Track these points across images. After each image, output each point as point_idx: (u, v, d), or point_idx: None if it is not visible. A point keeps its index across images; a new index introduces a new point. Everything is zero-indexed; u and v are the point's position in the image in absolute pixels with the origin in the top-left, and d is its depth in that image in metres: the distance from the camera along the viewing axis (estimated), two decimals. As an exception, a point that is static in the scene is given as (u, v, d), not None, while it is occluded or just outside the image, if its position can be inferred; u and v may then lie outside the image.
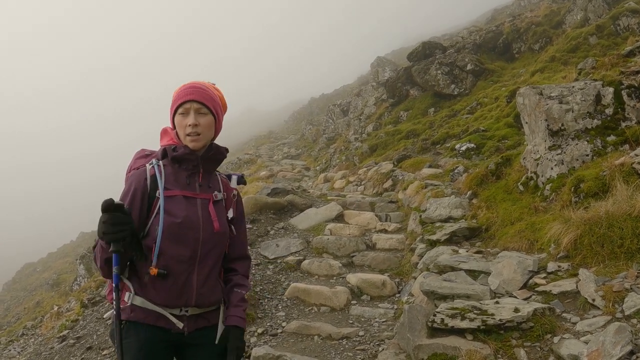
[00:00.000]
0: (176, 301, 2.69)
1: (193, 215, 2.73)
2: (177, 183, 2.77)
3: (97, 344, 8.06)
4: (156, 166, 2.78)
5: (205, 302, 2.77)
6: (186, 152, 2.78)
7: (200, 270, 2.73)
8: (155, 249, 2.63)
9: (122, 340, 2.63)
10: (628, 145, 6.95)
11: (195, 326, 2.76)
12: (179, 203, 2.72)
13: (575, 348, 4.16)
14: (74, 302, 15.45)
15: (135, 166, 2.90)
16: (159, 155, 2.86)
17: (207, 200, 2.81)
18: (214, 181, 2.91)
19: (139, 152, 3.04)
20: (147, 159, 2.92)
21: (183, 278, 2.68)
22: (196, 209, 2.75)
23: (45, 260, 52.85)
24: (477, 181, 9.32)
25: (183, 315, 2.73)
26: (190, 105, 2.80)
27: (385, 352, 5.40)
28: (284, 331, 6.65)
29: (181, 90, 2.85)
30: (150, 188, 2.72)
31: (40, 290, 35.10)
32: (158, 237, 2.63)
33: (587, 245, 5.57)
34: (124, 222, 2.48)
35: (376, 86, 31.76)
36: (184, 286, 2.69)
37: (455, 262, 6.72)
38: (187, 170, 2.81)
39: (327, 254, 9.12)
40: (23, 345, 11.88)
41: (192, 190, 2.79)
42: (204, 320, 2.80)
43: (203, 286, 2.74)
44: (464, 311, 4.98)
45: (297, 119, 50.84)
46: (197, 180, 2.82)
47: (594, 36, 15.66)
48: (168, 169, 2.80)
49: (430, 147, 15.64)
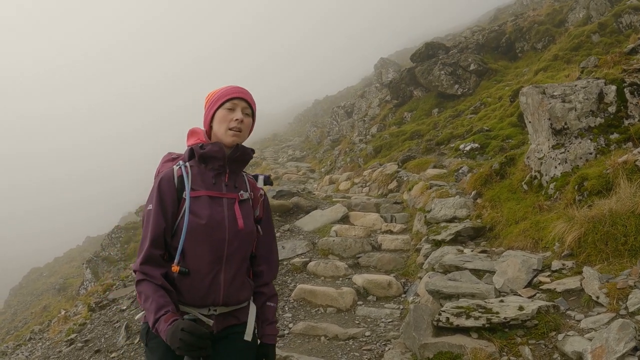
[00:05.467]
0: (204, 300, 2.71)
1: (218, 215, 2.75)
2: (203, 183, 2.80)
3: (105, 347, 8.12)
4: (183, 167, 2.81)
5: (233, 300, 2.80)
6: (214, 149, 2.81)
7: (227, 270, 2.76)
8: (178, 249, 2.67)
9: (150, 340, 2.70)
10: (631, 143, 6.97)
11: (223, 324, 2.79)
12: (204, 203, 2.74)
13: (579, 345, 4.19)
14: (81, 306, 15.53)
15: (164, 169, 2.94)
16: (186, 157, 2.89)
17: (233, 199, 2.84)
18: (240, 181, 2.94)
19: (165, 155, 3.10)
20: (174, 161, 2.97)
21: (210, 277, 2.71)
22: (222, 208, 2.78)
23: (52, 264, 53.02)
24: (481, 181, 9.34)
25: (212, 315, 2.75)
26: (239, 102, 2.87)
27: (391, 352, 5.42)
28: (291, 332, 6.69)
29: (228, 88, 2.91)
30: (178, 189, 2.76)
31: (47, 295, 35.25)
32: (182, 237, 2.66)
33: (591, 243, 5.59)
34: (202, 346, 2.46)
35: (380, 87, 31.84)
36: (211, 285, 2.71)
37: (460, 262, 6.75)
38: (214, 170, 2.84)
39: (332, 256, 9.15)
40: (31, 350, 11.93)
41: (218, 190, 2.81)
42: (233, 319, 2.83)
43: (231, 285, 2.77)
44: (469, 310, 5.01)
45: (301, 121, 50.93)
46: (223, 180, 2.85)
47: (596, 34, 15.67)
48: (195, 169, 2.83)
49: (434, 148, 15.66)
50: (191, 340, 2.37)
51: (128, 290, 11.36)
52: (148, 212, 2.74)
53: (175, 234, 2.72)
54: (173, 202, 2.74)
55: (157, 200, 2.73)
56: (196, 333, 2.38)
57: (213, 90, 2.96)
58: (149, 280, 2.62)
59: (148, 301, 2.57)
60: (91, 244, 49.55)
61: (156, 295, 2.57)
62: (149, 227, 2.70)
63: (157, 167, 3.04)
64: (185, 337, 2.37)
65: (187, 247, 2.67)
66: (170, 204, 2.73)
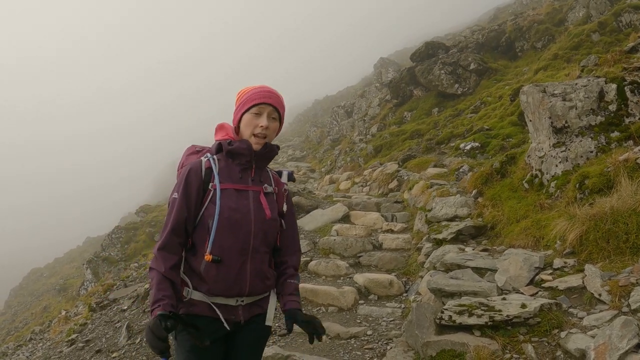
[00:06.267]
0: (231, 291, 2.79)
1: (244, 208, 2.82)
2: (229, 177, 2.86)
3: (107, 347, 8.12)
4: (211, 159, 2.88)
5: (257, 290, 2.88)
6: (242, 146, 2.87)
7: (253, 260, 2.84)
8: (210, 239, 2.73)
9: (179, 333, 2.77)
10: (632, 141, 6.97)
11: (250, 314, 2.88)
12: (231, 195, 2.82)
13: (582, 342, 4.19)
14: (82, 306, 15.54)
15: (188, 162, 3.01)
16: (213, 150, 2.97)
17: (258, 192, 2.91)
18: (265, 176, 3.00)
19: (189, 148, 3.17)
20: (199, 154, 3.04)
21: (237, 267, 2.78)
22: (248, 201, 2.85)
23: (52, 265, 53.08)
24: (482, 180, 9.35)
25: (239, 305, 2.84)
26: (266, 107, 2.90)
27: (393, 350, 5.42)
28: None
29: (257, 91, 2.94)
30: (204, 180, 2.82)
31: (47, 295, 35.25)
32: (213, 228, 2.73)
33: (593, 241, 5.59)
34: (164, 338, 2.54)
35: (380, 87, 31.84)
36: (238, 275, 2.79)
37: (462, 260, 6.75)
38: (240, 165, 2.90)
39: (334, 255, 9.16)
40: (32, 350, 11.93)
41: (244, 184, 2.89)
42: (258, 308, 2.92)
43: (256, 275, 2.85)
44: (472, 308, 5.01)
45: (301, 121, 50.94)
46: (249, 174, 2.92)
47: (596, 33, 15.68)
48: (222, 162, 2.89)
49: (434, 147, 15.67)
50: (150, 339, 2.49)
51: (129, 290, 11.36)
52: (173, 200, 2.81)
53: (200, 225, 2.79)
54: (198, 193, 2.81)
55: (182, 190, 2.80)
56: (156, 334, 2.47)
57: (244, 88, 3.02)
58: (157, 270, 2.70)
59: (152, 291, 2.68)
60: (91, 244, 49.59)
61: (158, 286, 2.66)
62: (171, 214, 2.77)
63: (180, 160, 3.12)
64: (148, 336, 2.51)
65: (216, 238, 2.74)
66: (195, 195, 2.80)
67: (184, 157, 3.11)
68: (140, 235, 28.63)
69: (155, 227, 28.17)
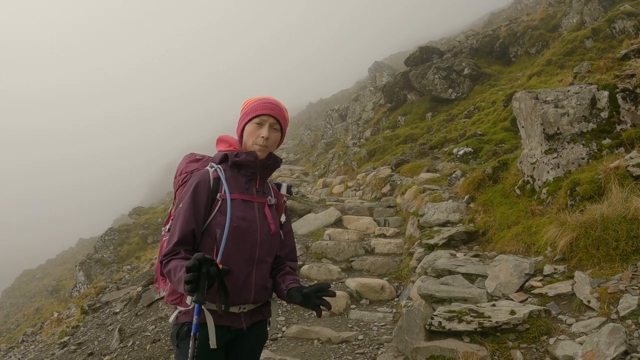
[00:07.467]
0: (237, 299, 2.83)
1: (251, 218, 2.89)
2: (236, 187, 2.93)
3: (99, 349, 8.11)
4: (218, 169, 2.94)
5: (260, 298, 2.95)
6: (249, 158, 2.93)
7: (259, 270, 2.91)
8: (220, 249, 2.76)
9: (181, 341, 2.81)
10: (623, 148, 7.01)
11: (251, 321, 2.94)
12: (239, 205, 2.88)
13: (570, 349, 4.21)
14: (74, 308, 15.50)
15: (188, 170, 3.07)
16: (217, 160, 3.01)
17: (263, 204, 2.99)
18: (267, 188, 3.09)
19: (188, 155, 3.20)
20: (199, 163, 3.10)
21: (243, 277, 2.84)
22: (254, 212, 2.92)
23: (44, 266, 52.89)
24: (474, 185, 9.38)
25: (242, 312, 2.89)
26: (267, 118, 2.97)
27: (384, 355, 5.43)
28: (284, 335, 6.70)
29: (260, 102, 3.02)
30: (212, 190, 2.88)
31: (39, 297, 35.12)
32: (223, 238, 2.76)
33: (583, 248, 5.62)
34: None
35: (374, 91, 31.87)
36: (244, 285, 2.85)
37: (453, 266, 6.78)
38: (246, 176, 2.97)
39: (326, 259, 9.17)
40: (23, 352, 11.90)
41: (250, 195, 2.96)
42: (259, 315, 2.99)
43: (261, 284, 2.93)
44: (461, 314, 5.03)
45: (295, 125, 50.87)
46: (254, 185, 2.99)
47: (590, 39, 15.75)
48: (227, 173, 2.95)
49: (428, 152, 15.71)
50: (191, 266, 2.45)
51: (121, 293, 11.35)
52: (179, 210, 2.84)
53: (207, 233, 2.83)
54: (206, 203, 2.85)
55: (190, 199, 2.83)
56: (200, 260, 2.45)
57: (249, 99, 3.10)
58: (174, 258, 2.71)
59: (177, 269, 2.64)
60: (84, 246, 49.48)
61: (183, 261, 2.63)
62: (177, 224, 2.79)
63: (179, 167, 3.15)
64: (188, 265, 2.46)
65: (226, 248, 2.77)
66: (203, 205, 2.84)
67: (183, 164, 3.14)
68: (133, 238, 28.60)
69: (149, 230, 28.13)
